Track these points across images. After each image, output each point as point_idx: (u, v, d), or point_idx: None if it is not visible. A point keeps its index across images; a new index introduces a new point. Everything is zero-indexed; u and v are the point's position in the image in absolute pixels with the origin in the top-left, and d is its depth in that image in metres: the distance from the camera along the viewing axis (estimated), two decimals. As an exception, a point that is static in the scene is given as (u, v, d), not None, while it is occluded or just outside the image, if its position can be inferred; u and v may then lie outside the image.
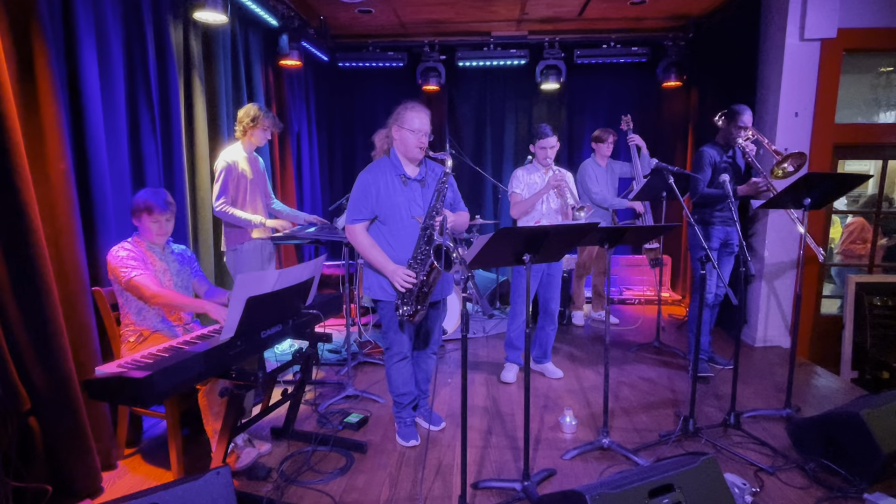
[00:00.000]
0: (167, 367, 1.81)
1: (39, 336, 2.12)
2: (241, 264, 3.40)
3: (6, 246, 2.03)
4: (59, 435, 2.19)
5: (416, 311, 2.52)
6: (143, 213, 2.49)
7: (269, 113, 3.41)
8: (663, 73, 5.48)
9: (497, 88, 6.14)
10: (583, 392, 3.43)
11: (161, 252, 2.62)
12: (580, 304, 4.94)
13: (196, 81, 3.52)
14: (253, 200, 3.44)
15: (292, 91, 5.20)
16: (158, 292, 2.40)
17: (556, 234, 2.06)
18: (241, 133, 3.40)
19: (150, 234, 2.53)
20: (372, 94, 6.21)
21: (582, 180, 4.56)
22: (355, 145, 6.41)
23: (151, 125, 3.06)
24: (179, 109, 3.32)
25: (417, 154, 2.54)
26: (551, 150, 3.34)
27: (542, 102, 6.12)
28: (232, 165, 3.30)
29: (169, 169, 3.24)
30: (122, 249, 2.46)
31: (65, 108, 2.36)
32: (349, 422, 2.92)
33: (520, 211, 3.36)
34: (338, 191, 6.26)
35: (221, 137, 3.78)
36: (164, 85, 3.20)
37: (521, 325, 3.54)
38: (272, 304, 2.22)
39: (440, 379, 3.65)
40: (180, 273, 2.68)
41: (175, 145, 3.27)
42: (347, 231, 2.62)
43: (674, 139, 5.85)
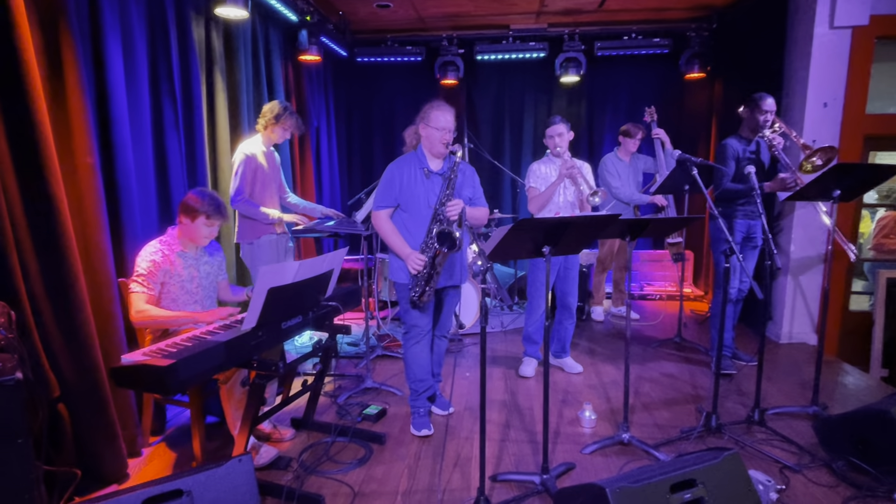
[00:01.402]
0: (190, 355, 1.84)
1: (68, 325, 2.17)
2: (259, 258, 3.44)
3: (37, 238, 2.09)
4: (86, 422, 2.25)
5: (423, 292, 2.64)
6: (201, 216, 2.46)
7: (294, 115, 3.45)
8: (686, 64, 5.38)
9: (516, 82, 6.10)
10: (602, 387, 3.40)
11: (193, 255, 2.58)
12: (600, 299, 4.90)
13: (217, 77, 3.56)
14: (269, 194, 3.48)
15: (311, 86, 5.23)
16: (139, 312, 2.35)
17: (576, 226, 2.04)
18: (262, 127, 3.43)
19: (197, 236, 2.50)
20: (390, 89, 6.22)
21: (602, 175, 4.51)
22: (373, 139, 6.43)
23: (174, 120, 3.11)
24: (202, 104, 3.38)
25: (441, 150, 2.66)
26: (559, 137, 3.32)
27: (561, 96, 6.06)
28: (250, 157, 3.34)
29: (192, 163, 3.29)
30: (149, 259, 2.42)
31: (91, 103, 2.41)
32: (368, 413, 2.95)
33: (538, 205, 3.35)
34: (356, 185, 6.29)
35: (242, 132, 3.83)
36: (187, 80, 3.25)
37: (539, 319, 3.52)
38: (292, 296, 2.25)
39: (458, 373, 3.65)
40: (209, 276, 2.66)
41: (197, 140, 3.32)
42: (373, 216, 2.74)
43: (697, 132, 5.74)
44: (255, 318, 2.07)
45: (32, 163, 2.06)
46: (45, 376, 2.08)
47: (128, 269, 2.65)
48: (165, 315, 2.40)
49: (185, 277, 2.55)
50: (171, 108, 3.08)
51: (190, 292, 2.57)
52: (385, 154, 6.27)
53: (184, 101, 3.23)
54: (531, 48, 5.53)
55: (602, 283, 4.89)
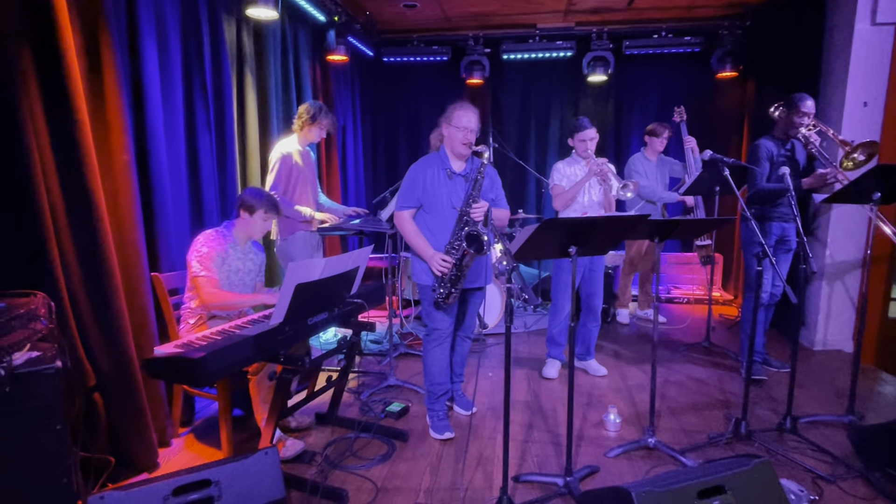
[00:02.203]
0: (220, 348, 1.88)
1: (104, 317, 2.25)
2: (292, 253, 3.50)
3: (76, 233, 2.17)
4: (120, 411, 2.32)
5: (449, 294, 2.62)
6: (260, 210, 2.63)
7: (330, 114, 3.52)
8: (718, 63, 5.26)
9: (542, 81, 6.06)
10: (627, 390, 3.36)
11: (242, 249, 2.72)
12: (626, 301, 4.83)
13: (248, 76, 3.64)
14: (304, 192, 3.53)
15: (338, 85, 5.30)
16: (212, 295, 2.50)
17: (603, 226, 2.02)
18: (297, 127, 3.50)
19: (254, 230, 2.67)
20: (416, 89, 6.25)
21: (629, 175, 4.44)
22: (398, 139, 6.47)
23: (206, 119, 3.18)
24: (232, 104, 3.45)
25: (463, 150, 2.65)
26: (591, 142, 3.31)
27: (588, 95, 6.00)
28: (287, 156, 3.40)
29: (222, 161, 3.37)
30: (206, 245, 2.57)
31: (128, 102, 2.48)
32: (391, 411, 2.97)
33: (562, 202, 3.33)
34: (381, 184, 6.34)
35: (271, 131, 3.90)
36: (219, 80, 3.32)
37: (563, 320, 3.50)
38: (319, 292, 2.28)
39: (481, 373, 3.65)
40: (252, 273, 2.79)
41: (228, 138, 3.39)
42: (395, 217, 2.74)
43: (728, 133, 5.61)
44: (283, 313, 2.11)
45: (73, 160, 2.13)
46: (81, 366, 2.16)
47: (161, 265, 2.73)
48: (235, 297, 2.56)
49: (233, 268, 2.66)
50: (202, 107, 3.15)
51: (234, 284, 2.67)
52: (410, 153, 6.30)
53: (215, 100, 3.31)
54: (558, 47, 5.49)
55: (628, 285, 4.82)
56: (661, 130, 4.40)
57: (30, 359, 1.67)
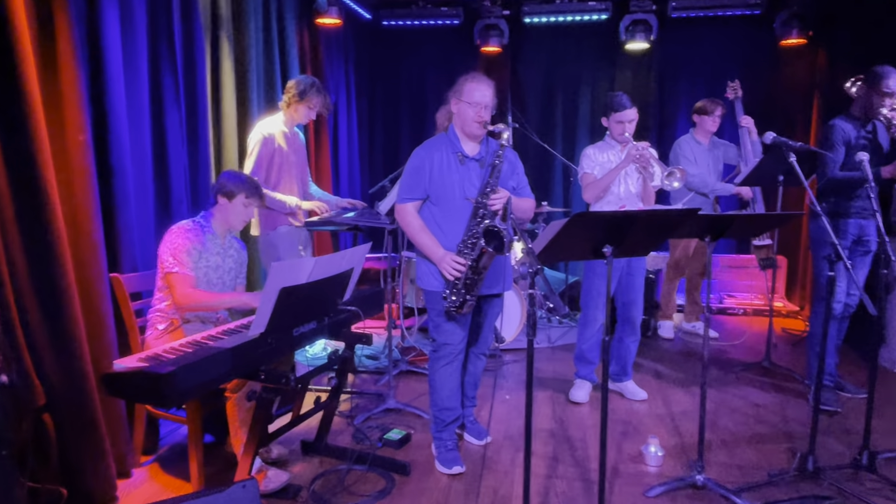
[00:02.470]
0: (191, 363, 1.90)
1: (55, 325, 2.27)
2: (274, 251, 3.53)
3: (24, 226, 2.19)
4: (73, 435, 2.35)
5: (463, 302, 2.61)
6: (240, 195, 2.72)
7: (323, 92, 3.56)
8: (782, 27, 5.24)
9: (571, 49, 6.06)
10: (671, 418, 3.36)
11: (221, 243, 2.79)
12: (669, 312, 4.82)
13: (224, 43, 3.67)
14: (288, 180, 3.56)
15: (330, 55, 5.33)
16: (187, 294, 2.57)
17: (645, 222, 2.02)
18: (285, 104, 3.53)
19: (234, 217, 2.75)
20: (421, 59, 6.27)
21: (675, 161, 4.44)
22: (399, 118, 6.50)
23: (175, 93, 3.21)
24: (205, 76, 3.48)
25: (476, 129, 2.63)
26: (630, 123, 3.30)
27: (626, 66, 5.99)
28: (268, 138, 3.43)
29: (193, 143, 3.40)
30: (182, 236, 2.64)
31: (85, 73, 2.51)
32: (390, 438, 2.98)
33: (593, 193, 3.34)
34: (378, 171, 6.37)
35: (250, 109, 3.93)
36: (190, 48, 3.36)
37: (595, 334, 3.50)
38: (306, 298, 2.30)
39: (497, 395, 3.66)
40: (232, 271, 2.85)
41: (200, 116, 3.43)
42: (397, 211, 2.74)
43: (793, 112, 5.59)
44: (265, 321, 2.13)
45: (20, 139, 2.15)
46: (29, 381, 2.18)
47: (121, 265, 2.76)
48: (213, 298, 2.65)
49: (211, 264, 2.72)
50: (171, 79, 3.18)
51: (213, 283, 2.72)
52: (413, 135, 6.32)
53: (185, 71, 3.34)
54: (590, 9, 5.49)
55: (673, 292, 4.82)
56: (713, 108, 4.38)
57: (-30, 372, 1.69)
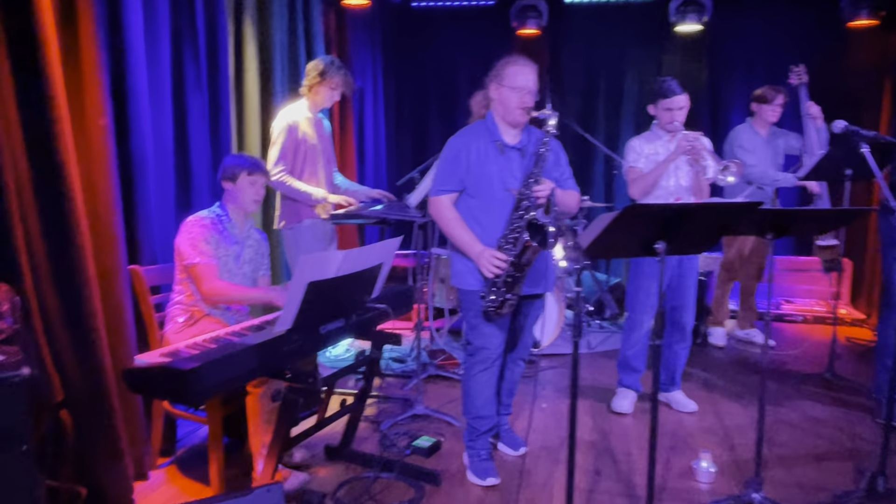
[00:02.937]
0: (216, 359, 1.94)
1: (75, 318, 2.33)
2: (298, 245, 3.57)
3: (45, 213, 2.26)
4: (89, 433, 2.41)
5: (503, 302, 2.59)
6: (242, 173, 2.78)
7: (343, 70, 3.58)
8: (850, 8, 5.13)
9: (615, 32, 6.00)
10: (723, 431, 3.32)
11: (240, 231, 2.86)
12: (721, 318, 4.76)
13: (247, 26, 3.74)
14: (313, 171, 3.60)
15: (356, 38, 5.37)
16: (214, 288, 2.64)
17: (703, 215, 2.00)
18: (306, 88, 3.57)
19: (244, 199, 2.81)
20: (452, 42, 6.26)
21: (731, 152, 4.37)
22: (428, 105, 6.52)
23: (196, 77, 3.28)
24: (228, 60, 3.55)
25: (519, 117, 2.63)
26: (680, 111, 3.27)
27: (676, 50, 5.91)
28: (293, 126, 3.48)
29: (215, 129, 3.47)
30: (199, 225, 2.71)
31: (106, 54, 2.58)
32: (419, 446, 3.00)
33: (640, 188, 3.31)
34: (406, 161, 6.37)
35: (274, 94, 3.99)
36: (213, 32, 3.42)
37: (640, 339, 3.47)
38: (334, 294, 2.32)
39: (533, 403, 3.65)
40: (252, 261, 2.91)
41: (222, 101, 3.50)
42: (431, 203, 2.75)
43: (862, 100, 5.44)
44: (292, 317, 2.16)
45: (41, 123, 2.22)
46: (48, 376, 2.25)
47: (140, 256, 2.82)
48: (240, 291, 2.73)
49: (231, 253, 2.78)
50: (193, 63, 3.25)
51: (234, 273, 2.78)
52: (443, 124, 6.33)
53: (208, 55, 3.40)
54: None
55: (725, 296, 4.74)
56: (774, 96, 4.30)
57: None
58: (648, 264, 3.33)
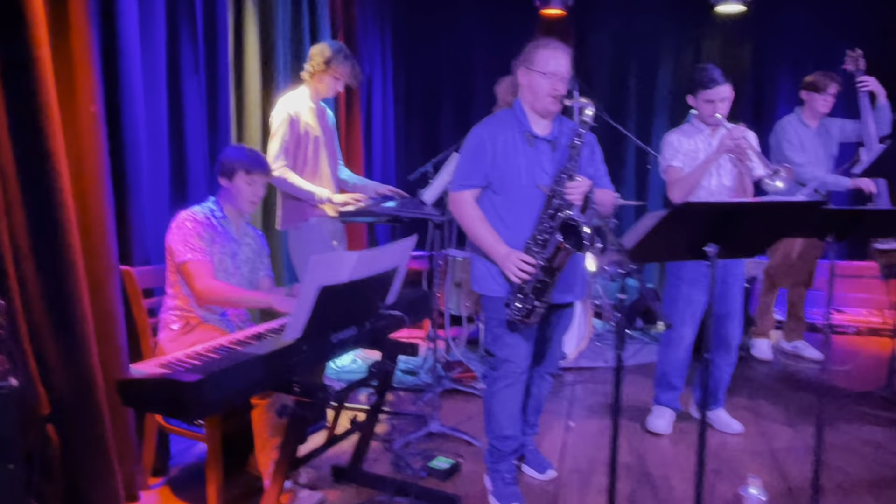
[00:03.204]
0: (219, 370, 1.92)
1: (62, 323, 2.33)
2: (305, 246, 3.55)
3: (31, 206, 2.25)
4: (78, 450, 2.41)
5: (532, 310, 2.56)
6: (240, 171, 2.77)
7: (351, 59, 3.56)
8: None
9: (649, 13, 5.99)
10: (771, 455, 3.29)
11: (235, 229, 2.86)
12: (765, 328, 4.73)
13: (248, 5, 3.72)
14: (316, 166, 3.59)
15: (364, 17, 5.36)
16: (209, 287, 2.61)
17: (759, 215, 1.98)
18: (308, 75, 3.55)
19: (240, 199, 2.80)
20: (467, 22, 6.27)
21: (777, 147, 4.34)
22: (441, 93, 6.51)
23: (194, 61, 3.28)
24: (227, 42, 3.54)
25: (550, 105, 2.61)
26: (722, 103, 3.24)
27: (715, 33, 5.92)
28: (294, 118, 3.46)
29: (213, 117, 3.47)
30: (191, 220, 2.70)
31: (97, 35, 2.57)
32: (435, 467, 2.99)
33: (682, 191, 3.27)
34: (415, 154, 6.38)
35: (276, 79, 3.99)
36: (211, 10, 3.41)
37: (681, 353, 3.44)
38: (347, 299, 2.31)
39: (560, 422, 3.63)
40: (250, 261, 2.90)
41: (221, 87, 3.50)
42: (451, 200, 2.73)
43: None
44: (301, 325, 2.14)
45: (28, 108, 2.21)
46: (34, 387, 2.25)
47: (132, 257, 2.82)
48: (237, 293, 2.71)
49: (227, 252, 2.77)
50: (190, 44, 3.24)
51: (230, 273, 2.77)
52: (457, 113, 6.33)
53: (206, 37, 3.39)
54: (674, -36, 5.41)
55: (770, 305, 4.73)
56: (828, 84, 4.25)
57: (-24, 373, 1.75)
58: (689, 269, 3.29)
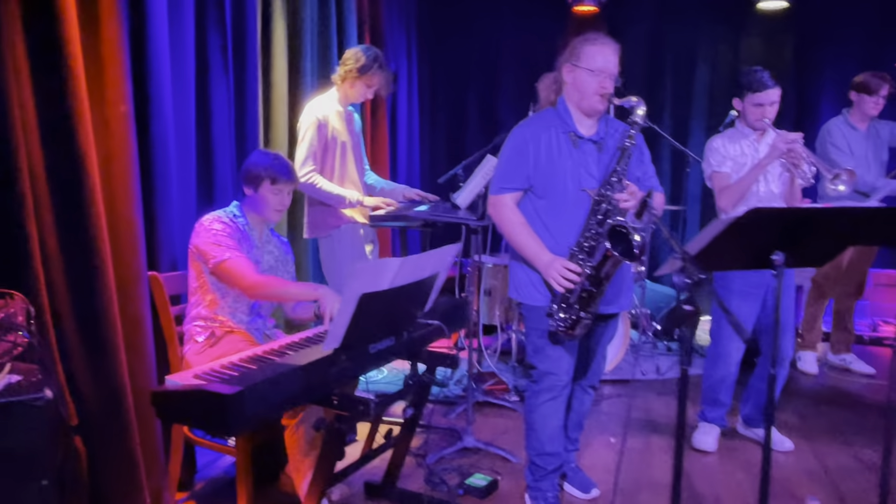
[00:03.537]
0: (259, 382, 1.88)
1: (91, 331, 2.31)
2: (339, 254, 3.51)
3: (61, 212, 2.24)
4: (105, 464, 2.38)
5: (576, 321, 2.51)
6: (265, 181, 2.72)
7: (386, 69, 3.53)
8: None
9: (685, 10, 5.94)
10: (826, 475, 3.21)
11: (258, 236, 2.82)
12: (812, 341, 4.66)
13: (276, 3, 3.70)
14: (343, 171, 3.55)
15: (390, 14, 5.34)
16: (258, 281, 2.58)
17: (833, 222, 1.91)
18: (339, 78, 3.52)
19: (266, 208, 2.76)
20: (494, 20, 6.24)
21: (823, 149, 4.27)
22: (467, 93, 6.47)
23: (223, 61, 3.25)
24: (256, 41, 3.52)
25: (597, 104, 2.57)
26: (771, 107, 3.20)
27: (755, 32, 5.87)
28: (323, 123, 3.43)
29: (240, 118, 3.45)
30: (218, 222, 2.66)
31: (127, 31, 2.55)
32: (473, 485, 2.93)
33: (732, 198, 3.23)
34: (440, 157, 6.33)
35: (303, 80, 3.96)
36: (240, 8, 3.39)
37: (728, 368, 3.37)
38: (387, 307, 2.27)
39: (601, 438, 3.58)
40: (272, 269, 2.86)
41: (249, 88, 3.48)
42: (491, 203, 2.69)
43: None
44: (341, 334, 2.10)
45: (59, 108, 2.20)
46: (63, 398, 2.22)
47: (159, 262, 2.79)
48: (284, 285, 2.70)
49: (251, 257, 2.71)
50: (218, 44, 3.22)
51: None
52: (483, 114, 6.28)
53: (234, 36, 3.36)
54: (713, -41, 5.35)
55: (818, 316, 4.65)
56: (879, 85, 4.19)
57: (10, 385, 1.72)
58: (738, 280, 3.23)
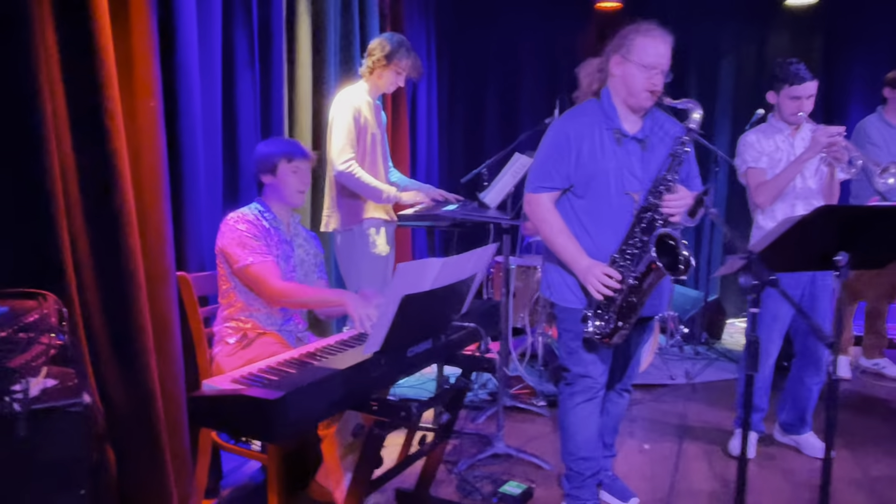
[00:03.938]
0: (301, 386, 1.84)
1: (121, 334, 2.27)
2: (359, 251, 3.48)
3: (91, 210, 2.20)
4: (135, 470, 2.34)
5: (615, 330, 2.47)
6: (281, 161, 2.68)
7: (412, 53, 3.50)
8: None
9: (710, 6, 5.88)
10: (869, 485, 3.16)
11: (287, 229, 2.77)
12: (844, 344, 4.61)
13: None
14: (374, 164, 3.53)
15: (411, 10, 5.30)
16: (283, 288, 2.53)
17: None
18: (367, 70, 3.49)
19: (288, 191, 2.71)
20: (515, 16, 6.16)
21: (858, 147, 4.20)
22: (486, 91, 6.41)
23: (249, 54, 3.22)
24: (282, 34, 3.49)
25: (645, 101, 2.51)
26: (808, 100, 3.17)
27: (783, 25, 5.83)
28: (357, 113, 3.39)
29: (266, 111, 3.42)
30: (243, 221, 2.60)
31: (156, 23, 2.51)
32: (507, 493, 2.89)
33: (770, 194, 3.19)
34: (458, 155, 6.28)
35: (326, 71, 3.95)
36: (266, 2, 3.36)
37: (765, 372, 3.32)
38: (425, 309, 2.22)
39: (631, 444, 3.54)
40: (304, 264, 2.81)
41: (274, 81, 3.45)
42: (527, 203, 2.64)
43: None
44: (382, 337, 2.06)
45: (90, 102, 2.16)
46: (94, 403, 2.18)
47: (187, 258, 2.75)
48: (312, 292, 2.67)
49: (280, 253, 2.67)
50: (245, 37, 3.19)
51: (285, 274, 2.67)
52: (504, 111, 6.23)
53: (261, 29, 3.33)
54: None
55: (849, 319, 4.61)
56: (916, 81, 4.15)
57: (46, 389, 1.67)
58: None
